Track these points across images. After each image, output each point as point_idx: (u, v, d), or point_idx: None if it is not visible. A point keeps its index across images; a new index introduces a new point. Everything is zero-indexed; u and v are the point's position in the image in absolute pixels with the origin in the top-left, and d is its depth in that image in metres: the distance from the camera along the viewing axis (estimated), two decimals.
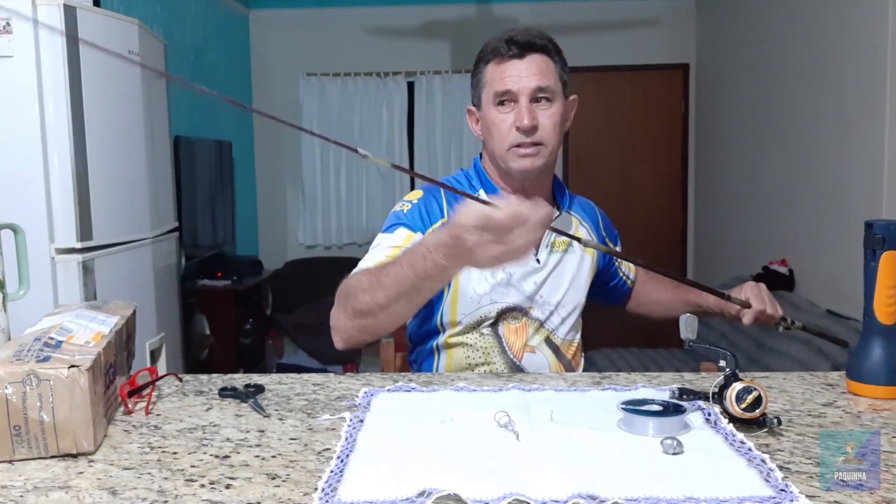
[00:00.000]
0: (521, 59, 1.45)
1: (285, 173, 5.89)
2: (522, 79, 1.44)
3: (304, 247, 5.86)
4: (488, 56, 1.49)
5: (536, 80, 1.43)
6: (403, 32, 5.62)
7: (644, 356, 3.94)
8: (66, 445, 0.94)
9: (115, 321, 1.16)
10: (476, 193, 1.53)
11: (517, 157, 1.45)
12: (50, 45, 2.31)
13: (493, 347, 1.50)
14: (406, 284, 1.18)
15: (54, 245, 2.33)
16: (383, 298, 1.21)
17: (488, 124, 1.49)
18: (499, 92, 1.45)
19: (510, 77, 1.44)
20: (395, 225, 1.48)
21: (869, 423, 1.04)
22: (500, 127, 1.46)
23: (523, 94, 1.43)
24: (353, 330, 1.30)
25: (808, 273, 3.58)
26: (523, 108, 1.43)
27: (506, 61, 1.45)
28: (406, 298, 1.20)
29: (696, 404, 1.10)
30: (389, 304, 1.22)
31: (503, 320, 1.50)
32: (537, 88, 1.44)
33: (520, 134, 1.44)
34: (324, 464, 0.91)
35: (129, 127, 2.74)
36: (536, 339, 1.52)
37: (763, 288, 1.48)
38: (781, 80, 3.88)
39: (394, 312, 1.23)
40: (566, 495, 0.79)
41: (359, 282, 1.28)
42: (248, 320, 4.62)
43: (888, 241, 1.14)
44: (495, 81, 1.46)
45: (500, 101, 1.46)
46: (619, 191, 5.47)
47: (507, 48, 1.45)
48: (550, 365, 1.52)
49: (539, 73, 1.44)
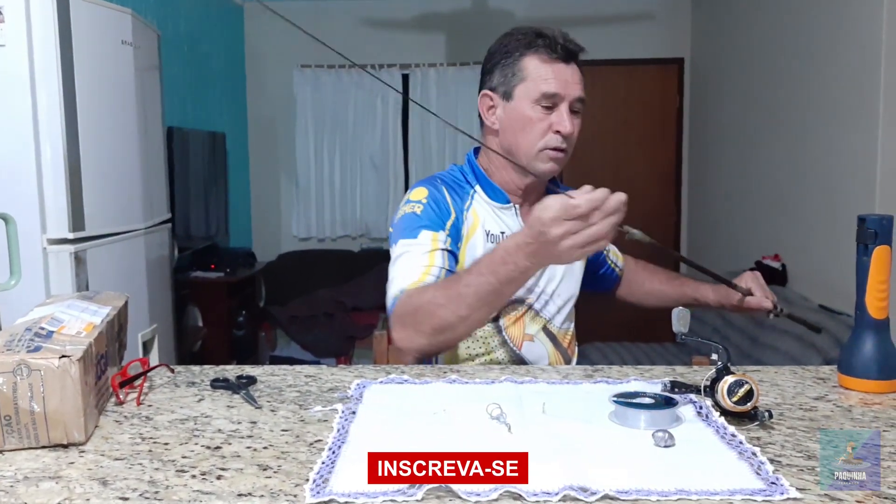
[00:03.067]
0: (567, 65, 1.45)
1: (279, 165, 5.88)
2: (570, 85, 1.44)
3: (297, 239, 5.85)
4: (526, 49, 1.46)
5: (579, 89, 1.46)
6: (398, 25, 5.61)
7: (636, 350, 3.95)
8: (57, 436, 0.93)
9: (106, 312, 1.15)
10: (472, 190, 1.54)
11: (548, 159, 1.46)
12: (42, 34, 2.29)
13: (492, 337, 1.50)
14: (488, 291, 1.23)
15: (46, 235, 2.32)
16: (466, 310, 1.25)
17: (522, 120, 1.46)
18: (548, 93, 1.43)
19: (560, 81, 1.44)
20: (417, 228, 1.45)
21: (860, 416, 1.05)
22: (539, 126, 1.45)
23: (567, 99, 1.44)
24: (433, 347, 1.33)
25: (800, 268, 3.60)
26: (565, 113, 1.44)
27: (554, 62, 1.44)
28: (488, 305, 1.26)
29: (687, 397, 1.10)
30: (472, 314, 1.26)
31: (503, 311, 1.50)
32: (578, 99, 1.46)
33: (557, 138, 1.44)
34: (315, 455, 0.91)
35: (122, 117, 2.73)
36: (534, 327, 1.52)
37: (759, 276, 1.52)
38: (776, 76, 3.89)
39: (475, 321, 1.29)
40: (558, 487, 0.80)
41: (433, 298, 1.28)
42: (241, 312, 4.61)
43: (881, 236, 1.15)
44: (543, 80, 1.44)
45: (543, 102, 1.44)
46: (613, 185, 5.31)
47: (555, 48, 1.44)
48: (549, 353, 1.53)
49: (581, 82, 1.47)
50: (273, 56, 5.74)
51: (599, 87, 5.60)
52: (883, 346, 1.16)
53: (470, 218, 1.51)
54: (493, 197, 1.53)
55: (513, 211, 1.53)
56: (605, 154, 5.56)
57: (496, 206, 1.52)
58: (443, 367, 1.38)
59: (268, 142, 5.85)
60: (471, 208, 1.52)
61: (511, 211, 1.53)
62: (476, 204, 1.53)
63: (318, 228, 5.80)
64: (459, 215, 1.50)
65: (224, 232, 4.98)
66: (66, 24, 2.35)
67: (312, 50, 5.67)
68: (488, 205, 1.53)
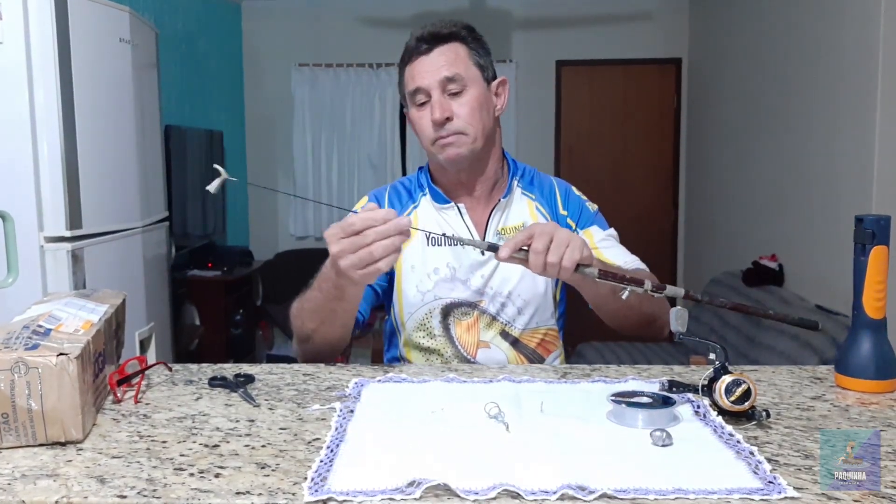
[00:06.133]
0: (428, 55, 1.43)
1: (276, 164, 5.87)
2: (430, 73, 1.41)
3: (294, 238, 5.85)
4: (404, 57, 1.47)
5: (444, 70, 1.41)
6: (396, 24, 5.60)
7: (633, 349, 3.95)
8: (55, 433, 0.93)
9: (104, 310, 1.15)
10: (417, 198, 1.54)
11: (441, 147, 1.43)
12: (40, 31, 2.29)
13: (446, 348, 1.48)
14: (319, 306, 1.30)
15: (43, 233, 2.31)
16: (311, 323, 1.33)
17: (412, 123, 1.48)
18: (411, 91, 1.44)
19: (419, 74, 1.42)
20: None
21: (857, 416, 1.05)
22: (421, 124, 1.45)
23: (433, 87, 1.41)
24: (309, 354, 1.39)
25: (797, 268, 3.60)
26: (435, 101, 1.41)
27: (416, 59, 1.44)
28: (328, 322, 1.32)
29: (685, 397, 1.10)
30: (318, 328, 1.33)
31: (453, 317, 1.48)
32: (445, 80, 1.41)
33: (436, 127, 1.42)
34: (313, 453, 0.91)
35: (120, 115, 2.73)
36: (490, 333, 1.49)
37: (556, 228, 1.17)
38: (773, 76, 3.89)
39: (327, 334, 1.34)
40: (555, 486, 0.80)
41: (295, 309, 1.38)
42: (239, 311, 4.61)
43: (878, 236, 1.15)
44: (408, 82, 1.45)
45: (417, 100, 1.44)
46: (611, 185, 5.47)
47: (416, 46, 1.44)
48: (508, 358, 1.48)
49: (447, 63, 1.42)
50: (271, 54, 5.73)
51: (598, 87, 5.62)
52: (880, 346, 1.16)
53: None
54: (435, 198, 1.53)
55: (455, 210, 1.51)
56: (603, 153, 5.57)
57: (439, 207, 1.52)
58: (440, 366, 1.38)
59: (265, 140, 5.84)
60: (411, 215, 1.52)
61: (454, 211, 1.51)
62: (421, 209, 1.53)
63: (315, 227, 5.80)
64: None
65: (221, 230, 4.98)
66: (63, 22, 2.35)
67: (310, 49, 5.68)
68: (433, 207, 1.52)
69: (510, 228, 1.50)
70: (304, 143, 5.72)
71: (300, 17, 5.70)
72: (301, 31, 5.71)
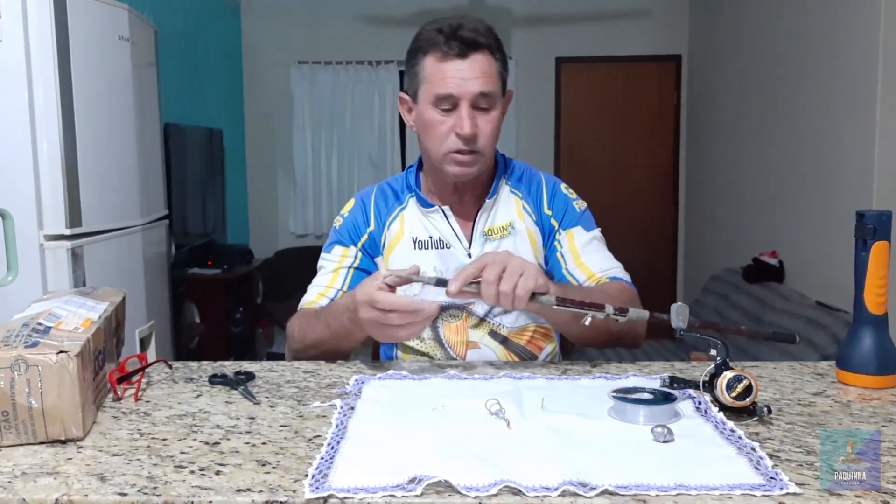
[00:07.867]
0: (463, 60, 1.34)
1: (276, 162, 5.87)
2: (465, 82, 1.33)
3: (294, 236, 5.85)
4: (426, 47, 1.37)
5: (479, 84, 1.34)
6: (395, 21, 5.59)
7: None
8: (55, 431, 0.93)
9: (104, 307, 1.15)
10: (404, 198, 1.51)
11: (454, 163, 1.38)
12: (39, 29, 2.29)
13: (435, 351, 1.47)
14: (326, 341, 1.33)
15: (43, 232, 2.31)
16: (312, 350, 1.37)
17: (425, 123, 1.39)
18: (440, 95, 1.35)
19: (452, 80, 1.33)
20: (332, 243, 1.52)
21: (858, 412, 1.05)
22: (439, 130, 1.37)
23: (465, 98, 1.34)
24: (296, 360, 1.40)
25: (798, 265, 3.60)
26: (464, 114, 1.34)
27: (447, 60, 1.34)
28: (330, 351, 1.35)
29: (686, 393, 1.10)
30: (318, 354, 1.36)
31: (441, 320, 1.47)
32: (480, 94, 1.34)
33: (459, 141, 1.35)
34: (314, 451, 0.91)
35: (119, 113, 2.73)
36: (478, 334, 1.47)
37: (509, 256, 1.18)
38: (773, 72, 3.89)
39: (323, 356, 1.36)
40: (556, 482, 0.79)
41: (291, 328, 1.42)
42: (239, 309, 4.60)
43: (879, 232, 1.15)
44: (436, 82, 1.35)
45: (442, 105, 1.36)
46: (611, 182, 5.48)
47: (448, 45, 1.34)
48: (499, 357, 1.47)
49: (483, 75, 1.34)
50: (270, 52, 5.73)
51: (598, 84, 5.62)
52: (881, 341, 1.16)
53: (395, 227, 1.49)
54: (421, 202, 1.49)
55: (440, 213, 1.47)
56: (603, 151, 5.56)
57: (425, 210, 1.49)
58: (441, 363, 1.38)
59: (265, 138, 5.84)
60: (398, 217, 1.49)
61: (439, 214, 1.48)
62: (408, 211, 1.50)
63: (315, 225, 5.80)
64: (380, 227, 1.49)
65: (221, 228, 4.97)
66: (62, 20, 2.34)
67: (309, 46, 5.67)
68: (420, 210, 1.49)
69: (497, 228, 1.47)
70: (304, 140, 5.72)
71: (299, 15, 5.69)
72: (300, 28, 5.71)
